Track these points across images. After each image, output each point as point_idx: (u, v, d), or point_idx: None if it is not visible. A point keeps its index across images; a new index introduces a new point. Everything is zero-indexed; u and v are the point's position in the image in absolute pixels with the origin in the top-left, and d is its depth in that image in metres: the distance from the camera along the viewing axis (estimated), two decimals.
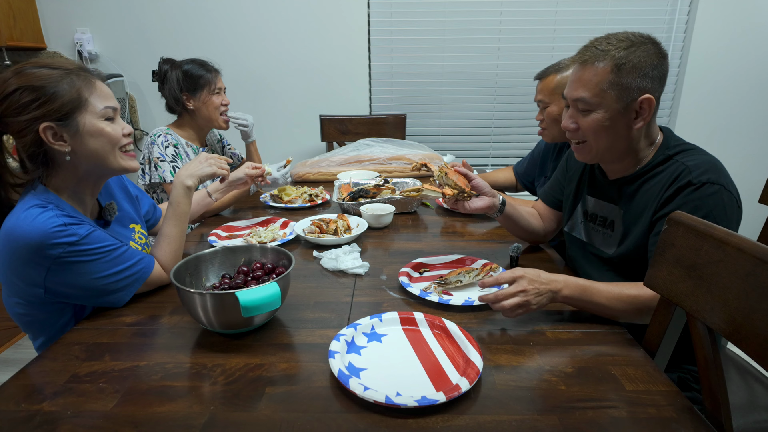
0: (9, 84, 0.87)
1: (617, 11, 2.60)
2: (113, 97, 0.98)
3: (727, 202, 0.92)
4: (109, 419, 0.67)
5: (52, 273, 0.88)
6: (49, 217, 0.86)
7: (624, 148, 1.02)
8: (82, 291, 0.93)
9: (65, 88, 0.89)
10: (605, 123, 0.98)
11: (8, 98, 0.87)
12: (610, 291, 0.92)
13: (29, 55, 2.69)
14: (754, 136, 2.77)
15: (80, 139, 0.92)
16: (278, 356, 0.82)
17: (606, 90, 0.96)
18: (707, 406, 0.79)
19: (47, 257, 0.86)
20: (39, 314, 0.96)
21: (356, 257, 1.20)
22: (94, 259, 0.91)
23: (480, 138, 2.85)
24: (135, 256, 1.00)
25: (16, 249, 0.86)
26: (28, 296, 0.93)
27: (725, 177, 0.95)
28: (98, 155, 0.94)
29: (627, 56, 0.94)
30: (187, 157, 1.72)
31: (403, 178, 1.92)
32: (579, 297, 0.92)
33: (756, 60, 2.64)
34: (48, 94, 0.88)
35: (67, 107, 0.89)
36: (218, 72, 1.77)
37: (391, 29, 2.67)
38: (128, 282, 0.98)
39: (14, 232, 0.85)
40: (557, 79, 1.44)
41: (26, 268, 0.88)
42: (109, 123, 0.95)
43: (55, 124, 0.89)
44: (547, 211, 1.33)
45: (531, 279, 0.90)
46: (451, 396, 0.69)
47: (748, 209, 1.05)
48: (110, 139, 0.95)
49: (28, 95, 0.87)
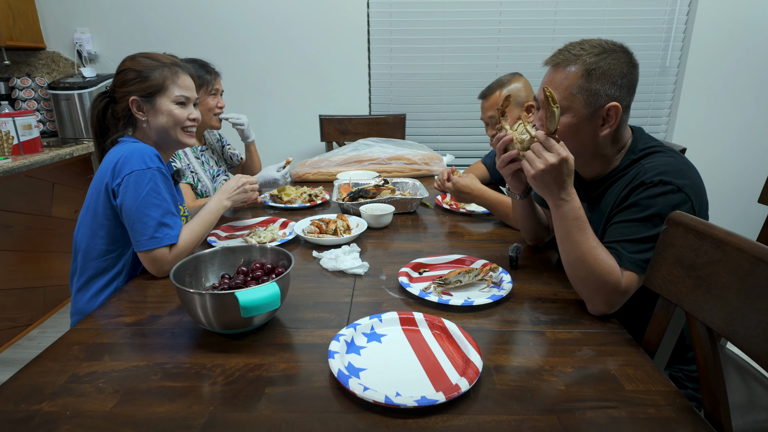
0: (124, 65, 1.20)
1: (617, 11, 2.61)
2: (191, 89, 1.25)
3: (677, 204, 0.91)
4: (108, 419, 0.67)
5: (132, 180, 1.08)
6: (147, 146, 1.14)
7: (589, 153, 1.03)
8: (129, 210, 1.09)
9: (156, 75, 1.18)
10: (572, 127, 0.99)
11: (120, 74, 1.20)
12: (589, 239, 0.92)
13: (28, 55, 2.69)
14: (753, 136, 2.77)
15: (154, 114, 1.20)
16: (278, 356, 0.82)
17: (575, 94, 0.97)
18: (707, 406, 0.79)
19: (151, 166, 1.10)
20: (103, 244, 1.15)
21: (356, 257, 1.20)
22: (150, 195, 1.09)
23: (479, 138, 2.85)
24: (176, 220, 1.15)
25: (128, 158, 1.09)
26: (107, 211, 1.12)
27: (684, 179, 0.93)
28: (165, 128, 1.21)
29: (597, 62, 0.96)
30: (186, 156, 1.72)
31: (403, 178, 1.92)
32: (567, 223, 0.93)
33: (755, 60, 2.64)
34: (143, 77, 1.17)
35: (152, 89, 1.18)
36: (218, 74, 1.77)
37: (391, 29, 2.67)
38: (152, 234, 1.09)
39: (122, 146, 1.13)
40: (504, 93, 1.53)
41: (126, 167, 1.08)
42: (179, 107, 1.21)
43: (140, 99, 1.18)
44: (545, 210, 1.34)
45: (568, 167, 0.90)
46: (451, 396, 0.69)
47: (748, 209, 1.06)
48: (175, 119, 1.21)
49: (131, 74, 1.17)
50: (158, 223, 1.09)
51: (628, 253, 0.92)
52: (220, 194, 1.33)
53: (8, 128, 2.13)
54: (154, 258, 1.10)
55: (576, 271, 0.94)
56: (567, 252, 0.95)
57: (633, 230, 0.93)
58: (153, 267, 1.12)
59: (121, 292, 1.08)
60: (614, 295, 0.90)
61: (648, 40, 2.65)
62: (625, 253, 0.92)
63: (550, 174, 0.91)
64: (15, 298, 2.31)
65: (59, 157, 2.26)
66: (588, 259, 0.91)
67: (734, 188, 2.84)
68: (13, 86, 2.63)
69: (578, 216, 0.92)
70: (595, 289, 0.92)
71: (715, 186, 2.80)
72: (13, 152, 2.15)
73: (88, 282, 1.16)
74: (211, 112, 1.76)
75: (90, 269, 1.16)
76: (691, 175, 0.95)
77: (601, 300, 0.92)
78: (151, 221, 1.09)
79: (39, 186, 2.40)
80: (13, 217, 2.26)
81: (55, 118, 2.59)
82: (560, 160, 0.90)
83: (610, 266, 0.90)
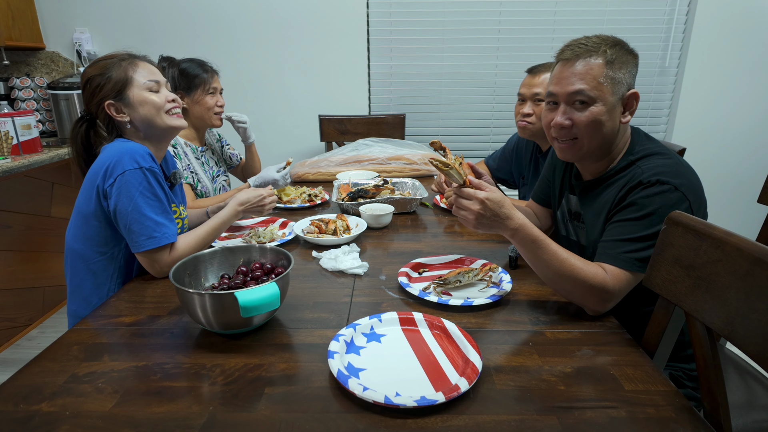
0: (83, 79, 1.15)
1: (616, 11, 2.61)
2: (157, 72, 1.19)
3: (675, 203, 0.91)
4: (108, 420, 0.67)
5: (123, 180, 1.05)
6: (139, 145, 1.11)
7: (610, 143, 1.04)
8: (123, 213, 1.07)
9: (116, 71, 1.13)
10: (603, 116, 0.99)
11: (85, 90, 1.15)
12: (557, 254, 0.92)
13: (28, 54, 2.69)
14: (752, 136, 2.78)
15: (133, 109, 1.15)
16: (277, 356, 0.82)
17: (603, 83, 0.97)
18: (706, 406, 0.79)
19: (137, 164, 1.06)
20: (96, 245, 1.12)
21: (355, 257, 1.20)
22: (144, 194, 1.07)
23: (479, 138, 2.85)
24: (171, 219, 1.13)
25: (116, 157, 1.06)
26: (98, 213, 1.10)
27: (681, 179, 0.94)
28: (148, 119, 1.16)
29: (615, 53, 0.98)
30: (186, 157, 1.71)
31: (402, 178, 1.92)
32: (526, 251, 0.94)
33: (755, 60, 2.65)
34: (106, 78, 1.12)
35: (118, 85, 1.13)
36: (215, 73, 1.76)
37: (390, 29, 2.67)
38: (150, 234, 1.07)
39: (113, 146, 1.10)
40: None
41: (116, 168, 1.06)
42: (153, 93, 1.16)
43: (113, 101, 1.13)
44: (540, 209, 1.35)
45: (493, 203, 0.91)
46: (451, 396, 0.69)
47: (748, 209, 1.06)
48: (155, 105, 1.16)
49: (94, 83, 1.13)
50: (156, 223, 1.08)
51: (620, 251, 0.93)
52: (236, 204, 1.27)
53: (7, 128, 2.13)
54: (153, 258, 1.09)
55: (558, 285, 0.95)
56: (542, 273, 0.96)
57: (628, 229, 0.94)
58: (152, 267, 1.11)
59: (121, 292, 1.08)
60: (604, 294, 0.91)
61: (647, 39, 2.65)
62: (615, 252, 0.93)
63: (483, 218, 0.93)
64: (14, 298, 2.31)
65: (58, 157, 2.25)
66: (564, 272, 0.92)
67: (733, 188, 2.84)
68: (12, 86, 2.63)
69: (535, 237, 0.93)
70: (583, 296, 0.93)
71: (715, 186, 2.81)
72: (13, 152, 2.15)
73: (80, 285, 1.15)
74: (210, 111, 1.75)
75: (81, 272, 1.14)
76: (688, 175, 0.95)
77: (593, 302, 0.93)
78: (148, 221, 1.07)
79: (38, 186, 2.39)
80: (13, 217, 2.26)
81: (54, 118, 2.59)
82: (481, 203, 0.91)
83: (590, 271, 0.91)
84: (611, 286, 0.91)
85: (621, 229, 0.95)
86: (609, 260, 0.94)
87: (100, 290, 1.14)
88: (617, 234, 0.95)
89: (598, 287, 0.90)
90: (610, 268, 0.92)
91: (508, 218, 0.92)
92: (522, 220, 0.93)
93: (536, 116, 1.55)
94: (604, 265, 0.94)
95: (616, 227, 0.96)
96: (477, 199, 0.91)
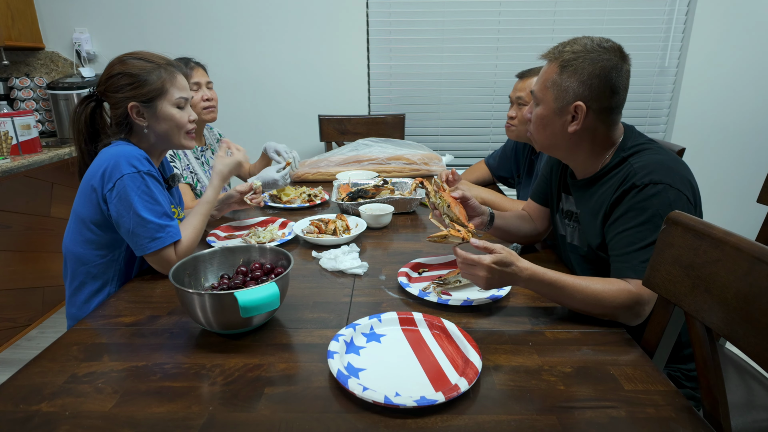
0: (114, 68, 1.12)
1: (616, 11, 2.61)
2: (187, 88, 1.20)
3: (673, 200, 0.92)
4: (107, 420, 0.67)
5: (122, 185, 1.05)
6: (136, 149, 1.11)
7: (563, 147, 1.05)
8: (125, 219, 1.07)
9: (153, 79, 1.12)
10: (543, 119, 1.03)
11: (111, 79, 1.12)
12: (576, 286, 0.91)
13: (27, 54, 2.69)
14: (752, 136, 2.78)
15: (156, 120, 1.14)
16: (277, 356, 0.82)
17: (548, 88, 1.01)
18: (706, 406, 0.79)
19: (136, 168, 1.06)
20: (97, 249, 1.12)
21: (355, 257, 1.20)
22: (144, 198, 1.07)
23: (479, 138, 2.85)
24: (173, 218, 1.13)
25: (112, 160, 1.05)
26: (97, 218, 1.09)
27: (674, 175, 0.94)
28: (168, 134, 1.17)
29: (572, 60, 0.97)
30: (185, 157, 1.71)
31: (402, 178, 1.92)
32: (545, 292, 0.93)
33: (754, 60, 2.65)
34: (140, 81, 1.11)
35: (151, 93, 1.12)
36: (196, 66, 1.72)
37: (390, 29, 2.67)
38: (153, 236, 1.08)
39: (110, 150, 1.08)
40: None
41: (114, 173, 1.05)
42: (179, 111, 1.17)
43: (140, 105, 1.12)
44: (538, 209, 1.34)
45: (499, 265, 0.90)
46: (450, 396, 0.69)
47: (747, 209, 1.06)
48: (177, 124, 1.17)
49: (125, 79, 1.11)
50: (158, 224, 1.08)
51: (637, 262, 0.92)
52: (216, 178, 1.31)
53: (7, 128, 2.13)
54: (161, 258, 1.10)
55: (591, 311, 0.93)
56: (570, 306, 0.95)
57: (637, 237, 0.94)
58: (162, 267, 1.12)
59: (120, 292, 1.08)
60: (636, 307, 0.90)
61: (647, 40, 2.65)
62: (633, 264, 0.93)
63: (492, 279, 0.91)
64: (14, 298, 2.31)
65: (58, 157, 2.25)
66: (590, 301, 0.91)
67: (733, 188, 2.84)
68: (11, 86, 2.63)
69: (549, 280, 0.92)
70: (615, 314, 0.91)
71: (715, 186, 2.81)
72: (12, 152, 2.14)
73: (80, 288, 1.14)
74: (198, 106, 1.72)
75: (80, 275, 1.13)
76: (680, 169, 0.95)
77: (628, 318, 0.92)
78: (150, 223, 1.07)
79: (38, 186, 2.39)
80: (12, 218, 2.26)
81: (53, 118, 2.58)
82: (488, 269, 0.90)
83: (613, 290, 0.90)
84: (644, 298, 0.90)
85: (630, 238, 0.94)
86: (630, 273, 0.93)
87: (100, 293, 1.14)
88: (628, 245, 0.95)
89: (628, 304, 0.90)
90: (634, 282, 0.92)
91: (516, 274, 0.91)
92: (530, 269, 0.92)
93: (518, 119, 1.59)
94: (627, 279, 0.93)
95: (624, 237, 0.96)
96: (483, 265, 0.90)
